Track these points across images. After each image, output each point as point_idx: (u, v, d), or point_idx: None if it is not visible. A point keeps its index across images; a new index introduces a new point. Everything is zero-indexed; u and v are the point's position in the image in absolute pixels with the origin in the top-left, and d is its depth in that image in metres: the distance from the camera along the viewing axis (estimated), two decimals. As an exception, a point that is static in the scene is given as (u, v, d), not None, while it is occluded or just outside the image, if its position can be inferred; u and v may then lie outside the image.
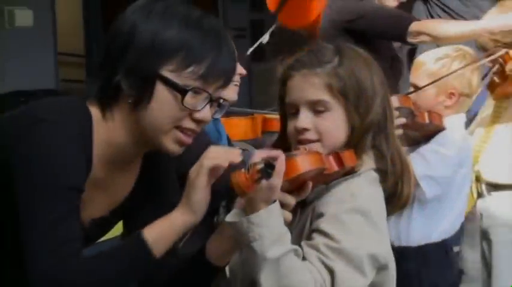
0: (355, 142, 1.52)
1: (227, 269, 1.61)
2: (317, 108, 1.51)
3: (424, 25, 3.01)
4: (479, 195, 3.04)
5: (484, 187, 2.99)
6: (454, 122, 2.51)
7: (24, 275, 1.59)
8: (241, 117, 2.97)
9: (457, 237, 2.81)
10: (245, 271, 1.53)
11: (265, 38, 3.57)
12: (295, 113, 1.53)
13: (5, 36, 5.59)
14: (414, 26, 3.00)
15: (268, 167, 1.34)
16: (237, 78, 2.31)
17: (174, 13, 1.49)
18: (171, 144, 1.50)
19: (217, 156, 1.44)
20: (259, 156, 1.38)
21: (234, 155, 1.44)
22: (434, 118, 2.45)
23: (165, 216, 1.47)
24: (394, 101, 2.39)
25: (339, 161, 1.48)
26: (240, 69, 2.31)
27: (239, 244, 1.44)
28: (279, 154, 1.38)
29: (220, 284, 1.63)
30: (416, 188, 2.42)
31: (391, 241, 2.52)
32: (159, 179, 1.67)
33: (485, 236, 3.02)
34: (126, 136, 1.52)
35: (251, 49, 3.46)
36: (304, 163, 1.39)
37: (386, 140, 1.55)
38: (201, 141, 1.60)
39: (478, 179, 3.00)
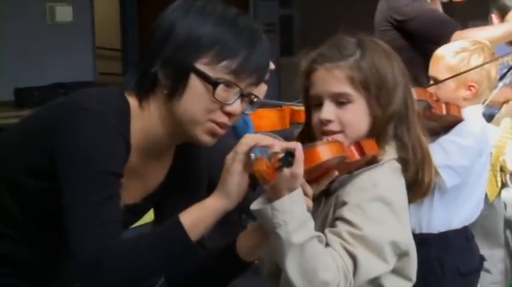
0: (377, 133, 1.56)
1: None
2: (340, 100, 1.55)
3: (463, 35, 3.05)
4: (504, 185, 3.11)
5: (508, 177, 3.05)
6: (472, 112, 2.55)
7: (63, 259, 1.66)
8: (270, 109, 3.03)
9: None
10: (272, 258, 1.57)
11: None
12: (319, 105, 1.57)
13: (46, 31, 5.74)
14: (455, 37, 3.06)
15: (289, 155, 1.38)
16: (267, 75, 2.43)
17: (211, 11, 1.55)
18: (203, 135, 1.55)
19: (252, 141, 1.47)
20: (278, 146, 1.42)
21: (268, 140, 1.45)
22: (452, 110, 2.49)
23: (201, 202, 1.49)
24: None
25: (360, 149, 1.52)
26: (270, 65, 2.43)
27: (266, 232, 1.45)
28: (297, 144, 1.40)
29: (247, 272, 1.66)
30: (437, 177, 2.49)
31: (412, 228, 2.59)
32: (190, 171, 1.71)
33: (509, 225, 3.09)
34: (161, 126, 1.57)
35: None
36: (325, 151, 1.43)
37: (407, 130, 1.58)
38: (227, 145, 1.62)
39: (502, 169, 3.06)
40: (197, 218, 1.48)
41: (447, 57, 2.58)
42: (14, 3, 5.54)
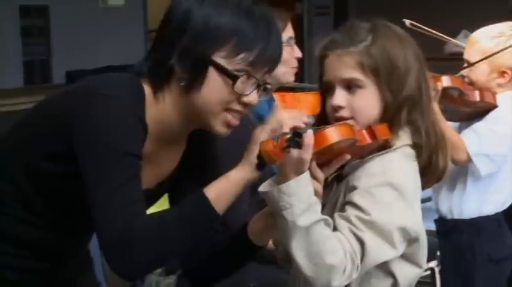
0: (389, 118, 1.55)
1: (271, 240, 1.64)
2: (351, 86, 1.55)
3: None
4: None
5: None
6: (506, 99, 2.52)
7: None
8: (309, 93, 3.05)
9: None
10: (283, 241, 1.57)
11: None
12: (332, 91, 1.57)
13: (99, 15, 5.83)
14: None
15: (296, 135, 1.38)
16: (295, 62, 2.40)
17: (227, 0, 1.55)
18: (219, 126, 1.57)
19: (283, 118, 1.49)
20: (288, 126, 1.46)
21: (298, 121, 1.46)
22: (486, 96, 2.48)
23: (224, 174, 1.51)
24: (445, 80, 2.45)
25: (372, 133, 1.51)
26: (298, 53, 2.41)
27: (274, 215, 1.46)
28: (308, 130, 1.40)
29: (264, 254, 1.68)
30: (471, 164, 2.48)
31: (444, 214, 2.63)
32: (204, 156, 1.72)
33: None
34: (176, 116, 1.58)
35: None
36: (334, 133, 1.43)
37: (421, 115, 1.57)
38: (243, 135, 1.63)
39: None
40: (221, 190, 1.49)
41: (483, 41, 2.54)
42: (66, -13, 5.65)
